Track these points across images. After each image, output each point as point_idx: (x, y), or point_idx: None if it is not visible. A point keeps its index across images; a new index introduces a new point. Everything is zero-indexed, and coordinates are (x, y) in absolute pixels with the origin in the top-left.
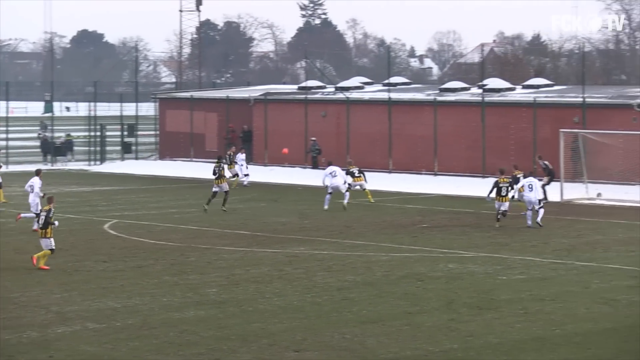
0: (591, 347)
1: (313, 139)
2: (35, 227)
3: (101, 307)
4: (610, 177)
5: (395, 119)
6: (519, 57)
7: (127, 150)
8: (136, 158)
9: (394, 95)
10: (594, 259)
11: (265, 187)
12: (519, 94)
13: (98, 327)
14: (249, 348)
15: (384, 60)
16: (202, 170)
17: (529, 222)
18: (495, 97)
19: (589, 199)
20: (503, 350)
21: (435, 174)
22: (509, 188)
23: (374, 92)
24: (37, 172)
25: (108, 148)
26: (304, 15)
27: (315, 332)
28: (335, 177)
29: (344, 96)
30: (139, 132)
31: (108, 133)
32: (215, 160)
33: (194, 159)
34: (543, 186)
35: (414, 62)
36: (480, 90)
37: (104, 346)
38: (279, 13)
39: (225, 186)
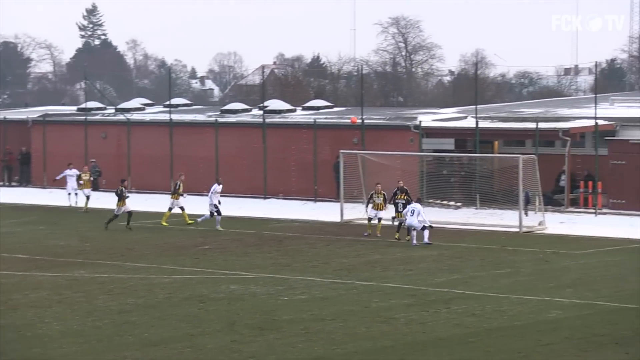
0: None
1: (93, 160)
2: None
3: None
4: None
5: (176, 141)
6: (299, 79)
7: None
8: None
9: (175, 117)
10: (373, 278)
11: (44, 210)
12: (300, 116)
13: None
14: None
15: (165, 82)
16: None
17: (414, 242)
18: (276, 119)
19: (367, 219)
20: None
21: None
22: (404, 205)
23: (155, 113)
24: None
25: None
26: (83, 36)
27: (97, 356)
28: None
29: (124, 117)
30: None
31: None
32: (120, 183)
33: None
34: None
35: (195, 84)
36: (261, 112)
37: None
38: (57, 33)
39: (128, 207)
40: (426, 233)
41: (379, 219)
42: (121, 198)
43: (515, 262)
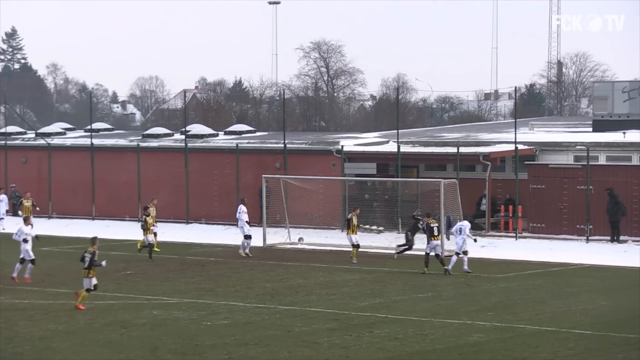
0: None
1: (13, 185)
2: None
3: None
4: (311, 222)
5: (98, 165)
6: (221, 104)
7: None
8: None
9: (97, 141)
10: (296, 302)
11: None
12: (222, 140)
13: None
14: None
15: (86, 106)
16: None
17: (465, 267)
18: (199, 143)
19: (291, 243)
20: None
21: (139, 221)
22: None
23: (76, 138)
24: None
25: None
26: (2, 60)
27: None
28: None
29: (45, 142)
30: None
31: None
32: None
33: None
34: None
35: (117, 108)
36: (183, 136)
37: None
38: None
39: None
40: (465, 259)
41: (356, 245)
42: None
43: (437, 285)
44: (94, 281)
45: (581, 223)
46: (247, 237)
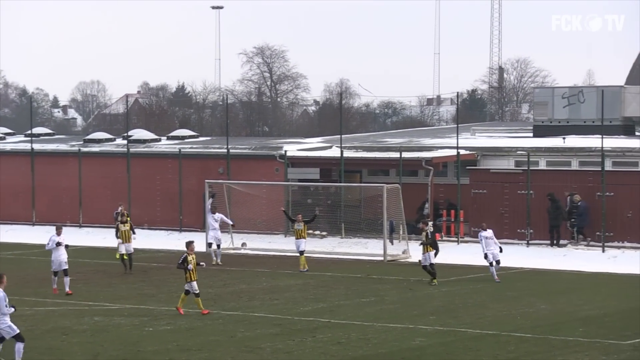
0: None
1: None
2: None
3: None
4: (254, 227)
5: (38, 171)
6: (164, 108)
7: None
8: None
9: (37, 146)
10: (239, 307)
11: None
12: (164, 145)
13: None
14: None
15: (26, 111)
16: None
17: (496, 277)
18: (141, 148)
19: (234, 248)
20: None
21: (81, 226)
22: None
23: (16, 143)
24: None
25: None
26: None
27: None
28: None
29: None
30: None
31: None
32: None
33: None
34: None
35: (58, 113)
36: (125, 141)
37: None
38: None
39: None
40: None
41: (302, 252)
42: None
43: (379, 290)
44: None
45: (522, 227)
46: (219, 246)
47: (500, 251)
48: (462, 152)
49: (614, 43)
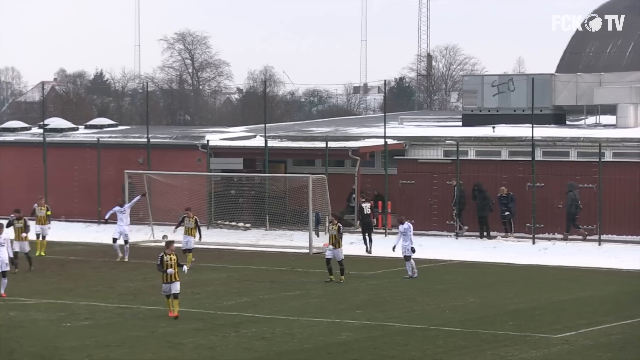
0: None
1: None
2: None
3: None
4: (176, 219)
5: None
6: (82, 96)
7: None
8: None
9: None
10: (160, 302)
11: None
12: (82, 134)
13: None
14: None
15: None
16: None
17: (410, 273)
18: (57, 138)
19: (154, 241)
20: None
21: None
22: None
23: None
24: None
25: None
26: None
27: None
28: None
29: None
30: None
31: None
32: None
33: None
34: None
35: None
36: (42, 130)
37: None
38: None
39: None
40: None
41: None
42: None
43: (305, 284)
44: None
45: (450, 219)
46: (126, 242)
47: (413, 252)
48: (389, 141)
49: (543, 31)
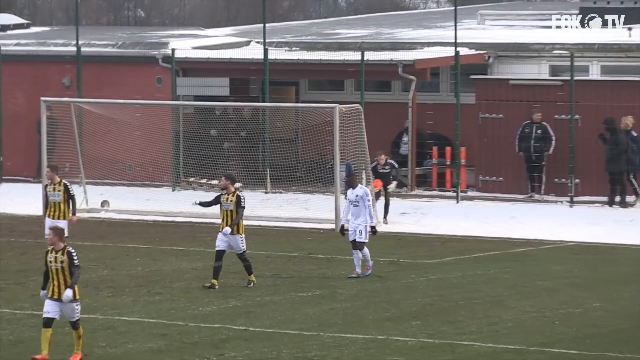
0: None
1: None
2: None
3: None
4: (122, 175)
5: None
6: None
7: None
8: None
9: None
10: (98, 307)
11: None
12: None
13: None
14: None
15: None
16: None
17: (358, 271)
18: None
19: (88, 210)
20: None
21: None
22: None
23: None
24: None
25: None
26: None
27: None
28: None
29: None
30: None
31: None
32: None
33: None
34: None
35: None
36: None
37: None
38: None
39: None
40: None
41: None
42: None
43: (329, 279)
44: None
45: (561, 177)
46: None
47: (373, 233)
48: (463, 51)
49: None
